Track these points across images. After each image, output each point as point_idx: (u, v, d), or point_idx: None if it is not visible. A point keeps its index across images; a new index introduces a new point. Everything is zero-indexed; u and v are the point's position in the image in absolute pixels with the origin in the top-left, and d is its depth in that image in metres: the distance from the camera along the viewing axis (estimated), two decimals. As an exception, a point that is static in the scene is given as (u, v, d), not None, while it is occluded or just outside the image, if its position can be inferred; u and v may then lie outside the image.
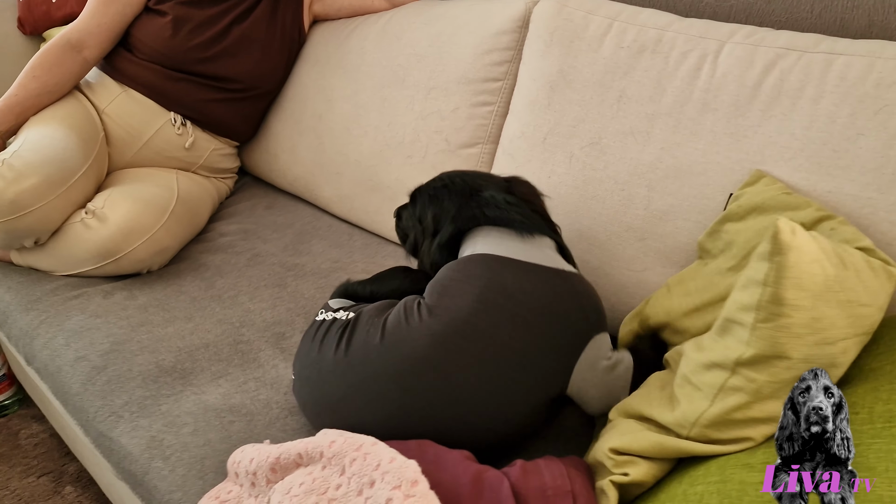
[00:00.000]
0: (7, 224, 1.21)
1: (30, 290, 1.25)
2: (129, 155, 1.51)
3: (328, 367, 0.84)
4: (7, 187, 1.20)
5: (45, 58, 1.43)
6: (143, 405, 0.96)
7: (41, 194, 1.22)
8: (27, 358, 1.15)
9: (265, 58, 1.57)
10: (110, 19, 1.49)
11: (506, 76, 1.24)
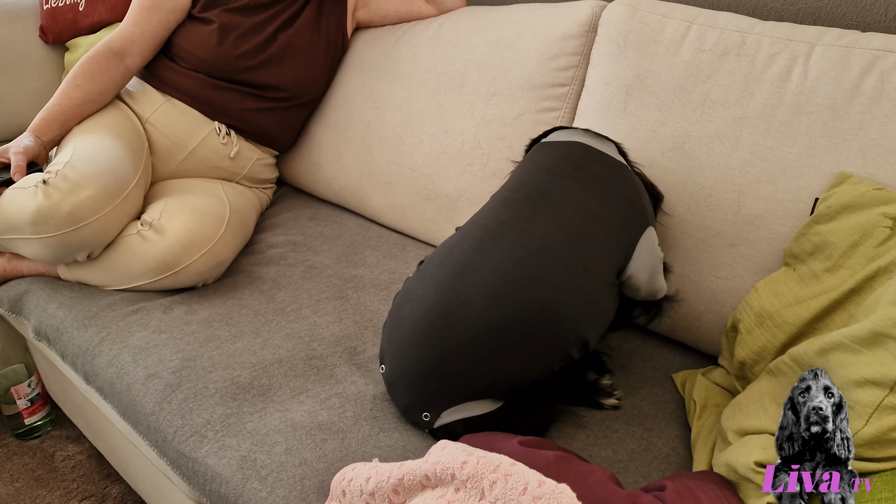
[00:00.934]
0: (63, 237, 1.17)
1: (84, 305, 1.21)
2: (174, 165, 1.48)
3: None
4: (64, 199, 1.16)
5: (88, 66, 1.40)
6: (226, 423, 0.93)
7: (98, 205, 1.19)
8: (87, 376, 1.11)
9: (309, 65, 1.55)
10: (153, 26, 1.47)
11: (572, 81, 1.23)
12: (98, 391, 1.09)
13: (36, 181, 1.20)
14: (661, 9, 1.12)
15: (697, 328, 1.04)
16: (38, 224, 1.17)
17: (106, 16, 2.00)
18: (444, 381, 0.84)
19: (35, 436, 1.63)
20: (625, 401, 0.98)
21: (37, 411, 1.61)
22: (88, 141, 1.29)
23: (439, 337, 0.83)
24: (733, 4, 1.24)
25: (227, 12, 1.47)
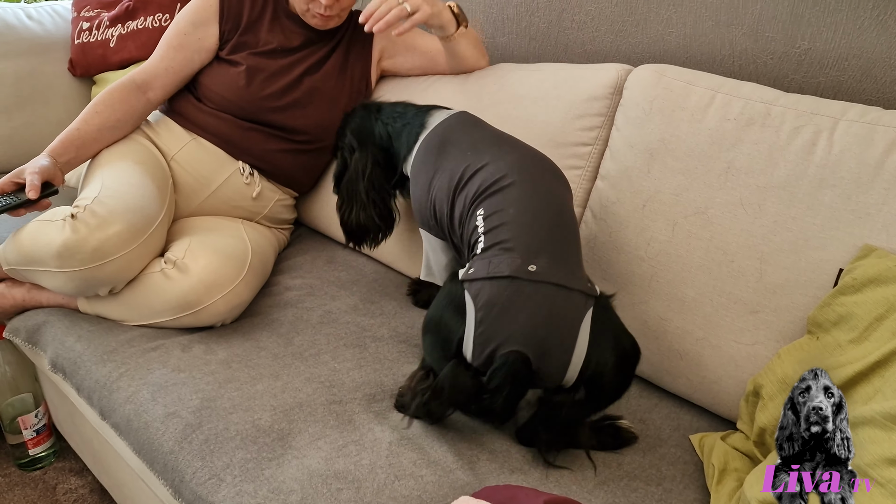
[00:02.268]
0: (88, 272, 1.18)
1: (103, 340, 1.21)
2: (196, 203, 1.50)
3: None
4: (91, 234, 1.17)
5: (109, 95, 1.46)
6: (245, 468, 0.92)
7: (124, 242, 1.20)
8: (103, 411, 1.11)
9: (333, 110, 1.58)
10: (178, 64, 1.52)
11: (595, 141, 1.25)
12: (113, 427, 1.09)
13: (64, 215, 1.22)
14: (686, 76, 1.15)
15: (717, 392, 1.05)
16: (63, 258, 1.18)
17: (136, 53, 2.05)
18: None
19: (38, 467, 1.61)
20: (644, 459, 0.97)
21: (42, 442, 1.59)
22: (116, 177, 1.31)
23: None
24: (754, 74, 1.28)
25: (255, 55, 1.51)
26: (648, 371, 1.13)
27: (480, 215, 1.02)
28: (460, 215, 1.08)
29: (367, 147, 1.30)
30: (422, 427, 1.01)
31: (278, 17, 1.55)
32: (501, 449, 0.97)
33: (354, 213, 1.31)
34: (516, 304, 0.90)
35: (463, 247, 1.10)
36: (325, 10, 1.45)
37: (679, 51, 1.37)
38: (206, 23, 1.53)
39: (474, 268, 0.96)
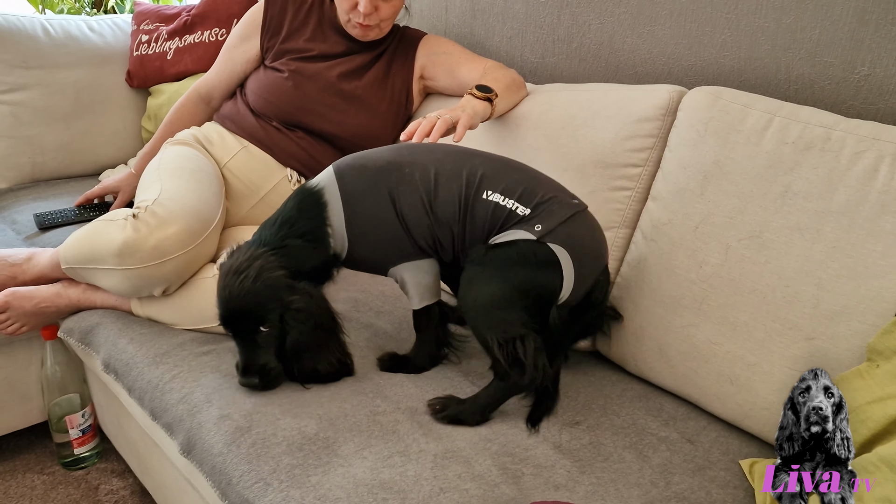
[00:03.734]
0: (146, 270, 1.22)
1: (156, 343, 1.25)
2: (247, 209, 1.54)
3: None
4: (150, 233, 1.22)
5: (180, 111, 1.68)
6: (292, 474, 0.93)
7: (182, 242, 1.24)
8: (154, 412, 1.14)
9: (373, 118, 1.61)
10: (228, 76, 1.69)
11: (646, 162, 1.25)
12: (164, 427, 1.11)
13: (125, 215, 1.26)
14: (742, 99, 1.15)
15: (768, 419, 1.03)
16: (123, 256, 1.22)
17: (192, 66, 2.11)
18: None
19: (81, 466, 1.65)
20: (693, 481, 0.96)
21: (86, 442, 1.63)
22: (174, 182, 1.36)
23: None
24: (811, 100, 1.27)
25: (296, 60, 1.57)
26: (696, 395, 1.12)
27: (493, 197, 1.07)
28: (465, 212, 1.08)
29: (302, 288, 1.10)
30: (466, 440, 1.01)
31: (322, 27, 1.61)
32: (546, 464, 0.97)
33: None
34: (585, 233, 1.07)
35: (473, 238, 1.08)
36: (364, 18, 1.50)
37: (733, 74, 1.37)
38: (251, 36, 1.66)
39: (541, 225, 1.04)
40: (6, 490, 1.57)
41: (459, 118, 1.29)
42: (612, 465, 0.98)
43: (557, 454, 0.99)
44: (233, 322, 1.06)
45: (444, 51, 1.64)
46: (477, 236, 1.08)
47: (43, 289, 1.43)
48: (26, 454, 1.69)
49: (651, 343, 1.17)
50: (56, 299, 1.42)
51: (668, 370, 1.15)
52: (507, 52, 1.81)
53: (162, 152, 1.54)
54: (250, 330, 1.05)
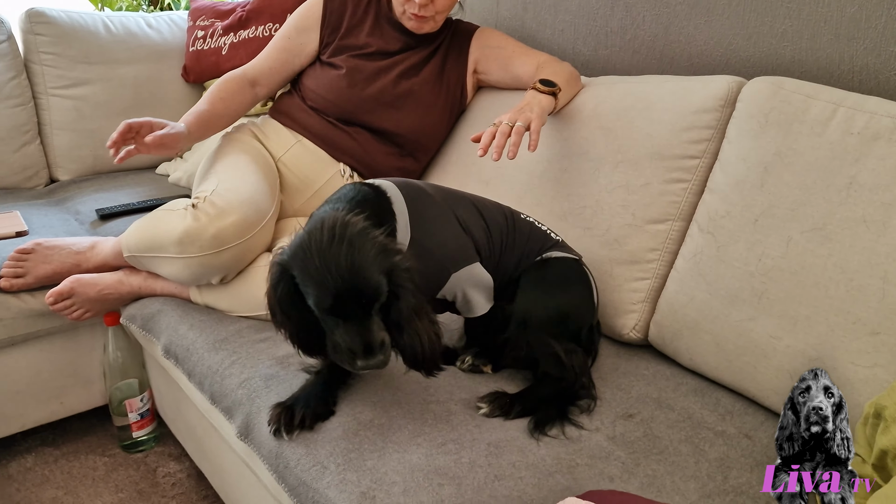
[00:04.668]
0: (206, 258, 1.26)
1: (214, 329, 1.28)
2: (300, 203, 1.56)
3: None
4: (210, 223, 1.25)
5: (227, 84, 1.59)
6: (348, 458, 0.95)
7: (240, 232, 1.27)
8: (213, 396, 1.17)
9: (428, 115, 1.62)
10: (280, 65, 1.65)
11: (703, 154, 1.24)
12: (223, 411, 1.14)
13: (185, 205, 1.30)
14: (805, 89, 1.13)
15: (829, 416, 1.01)
16: (184, 244, 1.26)
17: (246, 61, 2.13)
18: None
19: (140, 450, 1.71)
20: (752, 475, 0.95)
21: (145, 426, 1.68)
22: (231, 174, 1.39)
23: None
24: (875, 90, 1.23)
25: (354, 58, 1.58)
26: (754, 389, 1.10)
27: (529, 218, 1.22)
28: (512, 224, 1.18)
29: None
30: (519, 430, 1.02)
31: (379, 23, 1.62)
32: (600, 455, 0.97)
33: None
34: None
35: (521, 252, 1.16)
36: (420, 9, 1.50)
37: (793, 65, 1.34)
38: (309, 29, 1.64)
39: (571, 252, 1.19)
40: (70, 470, 1.63)
41: (530, 122, 1.29)
42: (667, 458, 0.97)
43: (612, 445, 0.99)
44: (345, 303, 0.88)
45: (497, 44, 1.64)
46: (521, 250, 1.15)
47: (106, 276, 1.48)
48: (89, 437, 1.75)
49: (707, 337, 1.15)
50: (118, 286, 1.47)
51: (725, 364, 1.13)
52: (559, 45, 1.80)
53: (219, 144, 1.57)
54: (366, 304, 0.89)
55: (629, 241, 1.28)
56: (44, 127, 2.11)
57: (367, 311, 0.89)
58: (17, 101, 2.03)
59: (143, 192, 2.04)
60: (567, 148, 1.42)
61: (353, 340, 0.88)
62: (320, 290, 0.87)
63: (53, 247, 1.51)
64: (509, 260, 1.14)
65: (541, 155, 1.46)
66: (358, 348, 0.88)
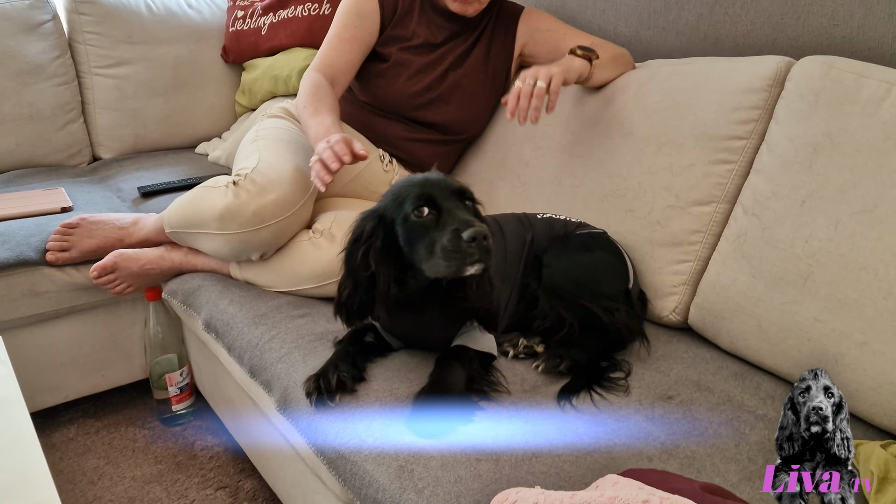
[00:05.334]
0: (245, 235, 1.28)
1: (254, 304, 1.30)
2: (338, 186, 1.57)
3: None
4: (251, 200, 1.27)
5: (317, 97, 1.42)
6: (385, 432, 0.96)
7: (279, 209, 1.29)
8: (253, 370, 1.19)
9: (474, 104, 1.62)
10: (356, 57, 1.54)
11: (751, 135, 1.22)
12: (263, 385, 1.16)
13: (226, 182, 1.32)
14: (857, 68, 1.10)
15: (875, 400, 0.99)
16: (224, 220, 1.28)
17: (286, 41, 2.17)
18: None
19: (178, 423, 1.75)
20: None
21: (184, 400, 1.72)
22: (271, 152, 1.40)
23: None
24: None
25: (403, 51, 1.56)
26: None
27: (546, 214, 1.29)
28: (528, 225, 1.27)
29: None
30: (557, 407, 1.02)
31: (425, 10, 1.59)
32: (638, 435, 0.97)
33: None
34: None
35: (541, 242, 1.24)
36: None
37: (844, 44, 1.31)
38: (370, 15, 1.56)
39: (595, 228, 1.28)
40: (111, 441, 1.68)
41: (552, 77, 1.29)
42: (707, 441, 0.96)
43: (650, 426, 0.98)
44: (442, 194, 0.97)
45: (547, 27, 1.61)
46: (543, 245, 1.22)
47: (148, 251, 1.51)
48: (129, 409, 1.80)
49: (749, 320, 1.14)
50: (160, 262, 1.50)
51: (768, 348, 1.12)
52: (600, 26, 1.78)
53: (258, 125, 1.58)
54: (459, 199, 0.99)
55: (672, 223, 1.27)
56: (87, 106, 2.16)
57: (462, 204, 0.98)
58: (61, 79, 2.08)
59: (183, 170, 2.08)
60: (610, 129, 1.40)
61: (454, 220, 0.94)
62: (416, 189, 0.97)
63: (98, 222, 1.55)
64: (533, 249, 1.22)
65: (582, 135, 1.45)
66: (461, 223, 0.93)
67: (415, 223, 0.96)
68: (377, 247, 0.99)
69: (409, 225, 0.97)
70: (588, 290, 1.14)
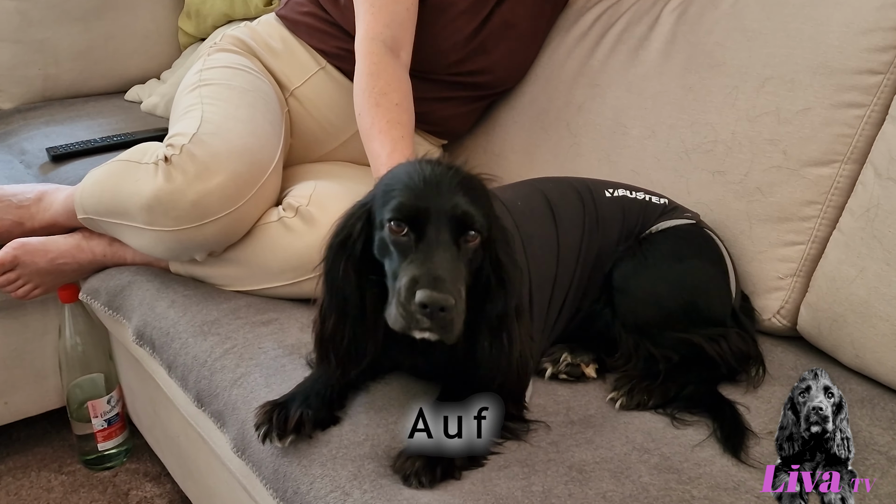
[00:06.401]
0: (183, 234, 1.27)
1: (203, 308, 1.32)
2: (319, 153, 1.56)
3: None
4: (189, 185, 1.24)
5: (389, 78, 1.35)
6: (378, 484, 0.96)
7: (230, 197, 1.27)
8: (200, 396, 1.21)
9: (526, 48, 1.62)
10: (413, 12, 1.45)
11: (889, 68, 1.20)
12: (214, 417, 1.18)
13: (155, 156, 1.28)
14: None
15: None
16: (154, 213, 1.26)
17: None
18: None
19: (107, 466, 1.78)
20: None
21: (113, 435, 1.76)
22: (219, 108, 1.37)
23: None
24: None
25: None
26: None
27: (619, 192, 1.26)
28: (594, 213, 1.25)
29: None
30: (610, 448, 1.02)
31: None
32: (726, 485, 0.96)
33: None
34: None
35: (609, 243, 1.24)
36: None
37: None
38: None
39: (689, 213, 1.25)
40: (17, 490, 1.72)
41: None
42: (821, 493, 0.97)
43: (743, 473, 0.98)
44: (429, 215, 0.93)
45: None
46: (613, 240, 1.21)
47: (59, 240, 1.51)
48: (42, 447, 1.84)
49: (882, 325, 1.13)
50: (76, 253, 1.51)
51: (909, 364, 1.12)
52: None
53: (202, 63, 1.54)
54: (454, 230, 0.94)
55: (777, 191, 1.27)
56: (-23, 38, 2.18)
57: (454, 241, 0.95)
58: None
59: (107, 125, 2.09)
60: (693, 58, 1.40)
61: (421, 265, 0.91)
62: (405, 193, 0.94)
63: (-13, 198, 1.55)
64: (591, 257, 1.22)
65: (656, 67, 1.45)
66: (423, 275, 0.90)
67: (388, 237, 0.95)
68: (356, 253, 0.99)
69: (383, 235, 0.96)
70: (685, 320, 1.16)
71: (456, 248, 0.94)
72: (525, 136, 1.64)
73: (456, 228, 0.94)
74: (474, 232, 0.95)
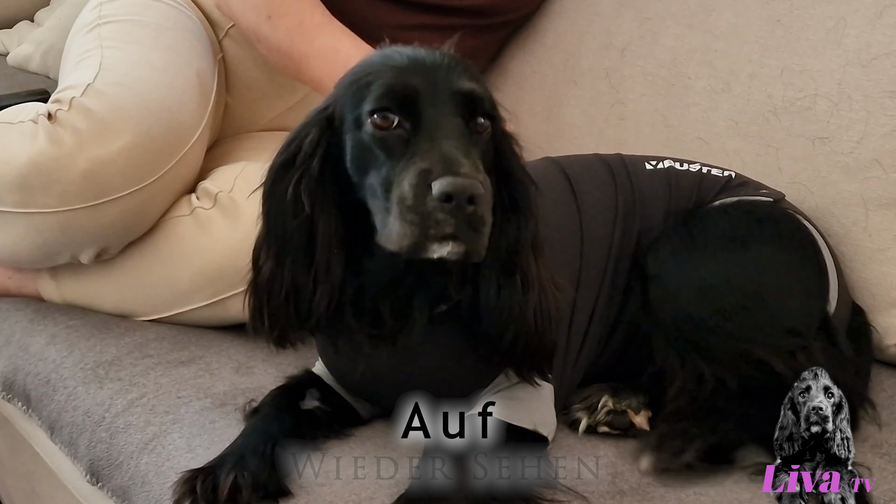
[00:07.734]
0: (70, 217, 1.29)
1: (95, 343, 1.36)
2: (266, 119, 1.62)
3: None
4: (80, 149, 1.28)
5: None
6: None
7: (136, 167, 1.30)
8: (94, 468, 1.24)
9: None
10: None
11: None
12: (114, 494, 1.21)
13: (33, 114, 1.31)
14: None
15: None
16: (29, 187, 1.28)
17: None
18: None
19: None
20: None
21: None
22: (126, 55, 1.42)
23: None
24: None
25: None
26: None
27: (665, 163, 1.30)
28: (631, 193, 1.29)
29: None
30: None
31: None
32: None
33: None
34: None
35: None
36: None
37: None
38: None
39: (766, 190, 1.28)
40: None
41: None
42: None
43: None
44: (430, 93, 0.99)
45: None
46: (657, 224, 1.22)
47: None
48: None
49: None
50: None
51: None
52: None
53: None
54: (463, 107, 0.99)
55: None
56: None
57: (465, 124, 0.99)
58: None
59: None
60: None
61: (427, 154, 0.94)
62: (391, 74, 1.00)
63: None
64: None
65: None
66: (436, 163, 0.93)
67: (371, 137, 0.98)
68: (314, 172, 1.01)
69: (362, 137, 0.99)
70: (746, 323, 1.19)
71: (468, 132, 0.98)
72: (548, 91, 1.70)
73: (463, 107, 0.98)
74: (483, 119, 1.00)
